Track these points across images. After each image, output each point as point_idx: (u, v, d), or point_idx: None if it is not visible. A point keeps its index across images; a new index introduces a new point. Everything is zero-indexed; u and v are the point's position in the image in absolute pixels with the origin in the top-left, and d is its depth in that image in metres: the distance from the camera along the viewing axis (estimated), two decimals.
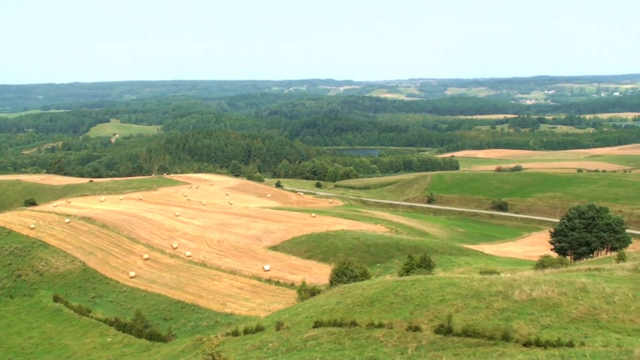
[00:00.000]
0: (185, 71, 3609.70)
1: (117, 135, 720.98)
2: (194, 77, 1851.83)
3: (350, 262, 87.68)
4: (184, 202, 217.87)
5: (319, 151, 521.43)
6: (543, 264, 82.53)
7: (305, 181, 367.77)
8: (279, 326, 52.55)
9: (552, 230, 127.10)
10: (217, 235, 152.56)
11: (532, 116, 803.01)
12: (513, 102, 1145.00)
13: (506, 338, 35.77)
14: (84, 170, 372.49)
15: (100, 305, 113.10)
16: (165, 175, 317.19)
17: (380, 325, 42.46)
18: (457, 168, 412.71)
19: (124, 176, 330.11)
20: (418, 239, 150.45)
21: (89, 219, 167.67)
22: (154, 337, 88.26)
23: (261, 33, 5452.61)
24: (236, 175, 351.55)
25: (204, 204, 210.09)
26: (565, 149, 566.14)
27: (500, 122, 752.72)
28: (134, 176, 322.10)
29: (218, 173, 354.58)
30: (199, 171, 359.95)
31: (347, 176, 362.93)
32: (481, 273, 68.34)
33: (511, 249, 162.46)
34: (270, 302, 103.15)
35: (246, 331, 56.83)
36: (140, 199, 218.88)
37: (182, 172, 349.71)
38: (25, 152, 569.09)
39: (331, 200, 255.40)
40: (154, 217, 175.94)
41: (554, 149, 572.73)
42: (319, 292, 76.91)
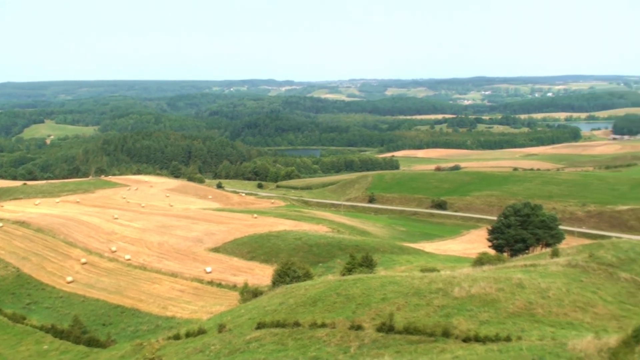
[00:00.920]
0: (123, 71, 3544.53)
1: (52, 137, 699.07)
2: (132, 77, 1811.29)
3: (292, 263, 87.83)
4: (122, 204, 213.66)
5: (260, 152, 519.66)
6: (481, 260, 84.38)
7: (246, 182, 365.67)
8: (221, 328, 52.19)
9: (490, 228, 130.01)
10: (158, 238, 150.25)
11: (470, 116, 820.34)
12: (451, 102, 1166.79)
13: (446, 334, 36.43)
14: (17, 173, 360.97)
15: (36, 311, 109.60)
16: (103, 177, 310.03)
17: (323, 325, 42.63)
18: (397, 168, 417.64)
19: (59, 178, 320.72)
20: (360, 238, 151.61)
21: (23, 223, 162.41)
22: (93, 343, 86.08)
23: (201, 32, 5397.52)
24: (176, 177, 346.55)
25: (143, 206, 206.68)
26: (502, 148, 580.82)
27: (439, 122, 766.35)
28: (70, 178, 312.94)
29: (158, 174, 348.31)
30: (138, 173, 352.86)
31: (289, 176, 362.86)
32: (422, 271, 69.38)
33: (451, 246, 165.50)
34: (213, 305, 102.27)
35: (188, 334, 56.23)
36: (78, 202, 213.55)
37: (121, 174, 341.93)
38: None
39: (273, 201, 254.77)
40: (91, 220, 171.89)
41: (490, 148, 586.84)
42: (261, 293, 76.73)
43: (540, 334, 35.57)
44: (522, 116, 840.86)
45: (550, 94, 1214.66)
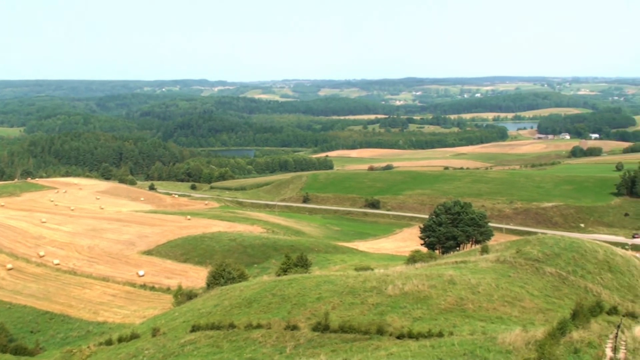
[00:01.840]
0: (50, 71, 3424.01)
1: None
2: (59, 76, 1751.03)
3: (227, 264, 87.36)
4: (50, 207, 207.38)
5: (193, 152, 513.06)
6: (414, 258, 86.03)
7: (180, 183, 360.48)
8: (155, 332, 51.51)
9: (422, 226, 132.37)
10: (88, 242, 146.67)
11: (402, 116, 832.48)
12: (383, 102, 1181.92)
13: (381, 332, 36.98)
14: None
15: None
16: (29, 179, 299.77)
17: (259, 326, 42.58)
18: (331, 168, 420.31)
19: None
20: (294, 238, 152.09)
21: None
22: (20, 351, 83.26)
23: (132, 32, 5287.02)
24: (107, 179, 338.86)
25: (72, 209, 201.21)
26: (433, 147, 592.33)
27: (372, 122, 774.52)
28: None
29: (87, 177, 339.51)
30: (67, 175, 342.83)
31: (222, 177, 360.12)
32: (356, 270, 70.22)
33: (384, 245, 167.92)
34: (146, 308, 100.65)
35: (120, 339, 55.22)
36: (2, 206, 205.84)
37: (49, 177, 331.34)
38: None
39: (207, 202, 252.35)
40: (17, 224, 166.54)
41: (422, 147, 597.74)
42: (196, 295, 76.04)
43: (471, 328, 36.56)
44: (452, 116, 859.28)
45: (478, 95, 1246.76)
